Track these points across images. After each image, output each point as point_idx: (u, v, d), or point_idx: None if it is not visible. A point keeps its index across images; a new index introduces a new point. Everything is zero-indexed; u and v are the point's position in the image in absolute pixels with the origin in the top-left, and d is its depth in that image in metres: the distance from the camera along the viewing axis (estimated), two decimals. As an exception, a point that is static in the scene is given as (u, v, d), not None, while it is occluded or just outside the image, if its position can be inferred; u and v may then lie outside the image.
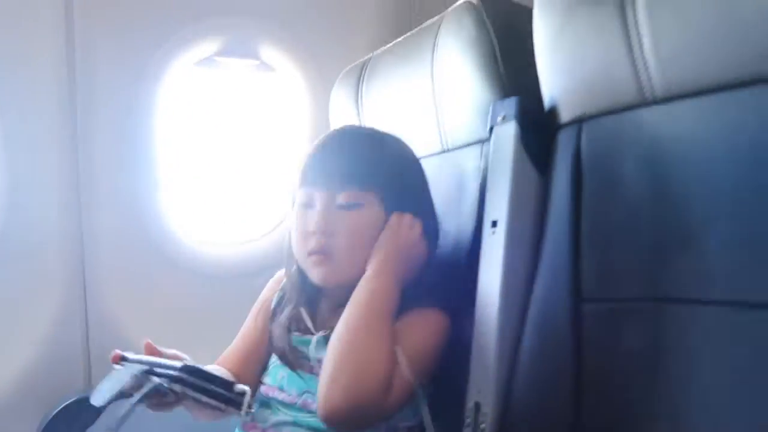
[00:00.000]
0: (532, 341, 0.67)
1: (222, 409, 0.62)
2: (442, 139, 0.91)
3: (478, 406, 0.69)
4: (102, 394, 0.61)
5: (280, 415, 0.76)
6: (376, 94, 1.04)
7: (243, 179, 1.39)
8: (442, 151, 0.92)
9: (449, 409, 0.72)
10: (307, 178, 0.78)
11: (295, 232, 0.78)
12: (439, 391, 0.75)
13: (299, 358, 0.77)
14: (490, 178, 0.74)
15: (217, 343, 0.95)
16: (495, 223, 0.72)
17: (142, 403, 0.60)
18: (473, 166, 0.85)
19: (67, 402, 1.06)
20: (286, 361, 0.78)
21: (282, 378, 0.79)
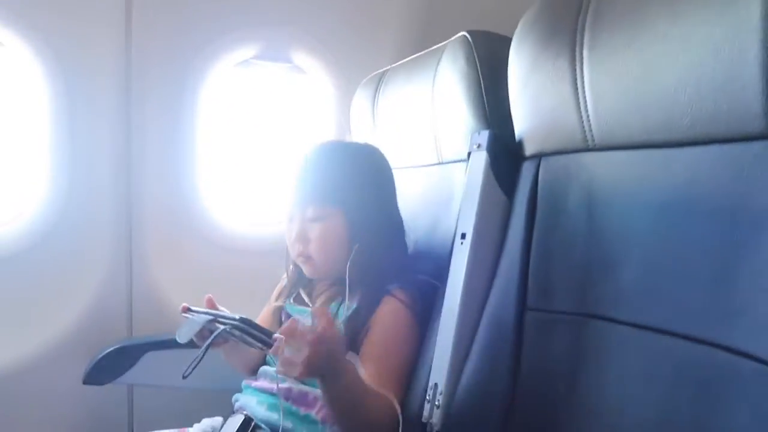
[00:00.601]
0: (483, 338, 0.80)
1: (264, 350, 0.78)
2: (438, 153, 1.03)
3: (437, 386, 0.83)
4: (184, 334, 0.79)
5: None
6: (388, 104, 1.17)
7: (271, 169, 1.53)
8: (438, 163, 1.04)
9: (414, 388, 0.87)
10: (290, 196, 0.94)
11: (287, 240, 0.96)
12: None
13: None
14: (464, 197, 0.86)
15: (244, 307, 1.13)
16: (464, 236, 0.84)
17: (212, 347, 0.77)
18: (461, 179, 0.97)
19: (112, 348, 1.24)
20: None
21: None
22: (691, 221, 0.58)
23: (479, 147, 0.84)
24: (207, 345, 0.77)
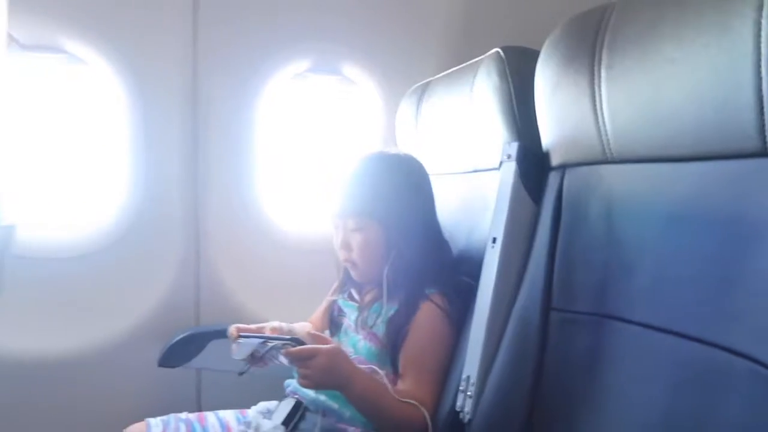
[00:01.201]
0: (511, 334, 0.86)
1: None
2: (474, 161, 1.10)
3: (469, 377, 0.90)
4: (240, 353, 0.92)
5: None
6: (430, 113, 1.24)
7: (324, 173, 1.64)
8: (474, 170, 1.11)
9: (450, 379, 0.94)
10: (333, 206, 1.04)
11: (335, 245, 1.05)
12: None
13: (341, 317, 1.09)
14: (495, 203, 0.92)
15: (299, 303, 1.25)
16: (495, 240, 0.90)
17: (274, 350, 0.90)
18: (495, 187, 1.03)
19: (181, 336, 1.37)
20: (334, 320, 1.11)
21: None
22: (695, 231, 0.63)
23: (509, 157, 0.90)
24: (268, 348, 0.91)
